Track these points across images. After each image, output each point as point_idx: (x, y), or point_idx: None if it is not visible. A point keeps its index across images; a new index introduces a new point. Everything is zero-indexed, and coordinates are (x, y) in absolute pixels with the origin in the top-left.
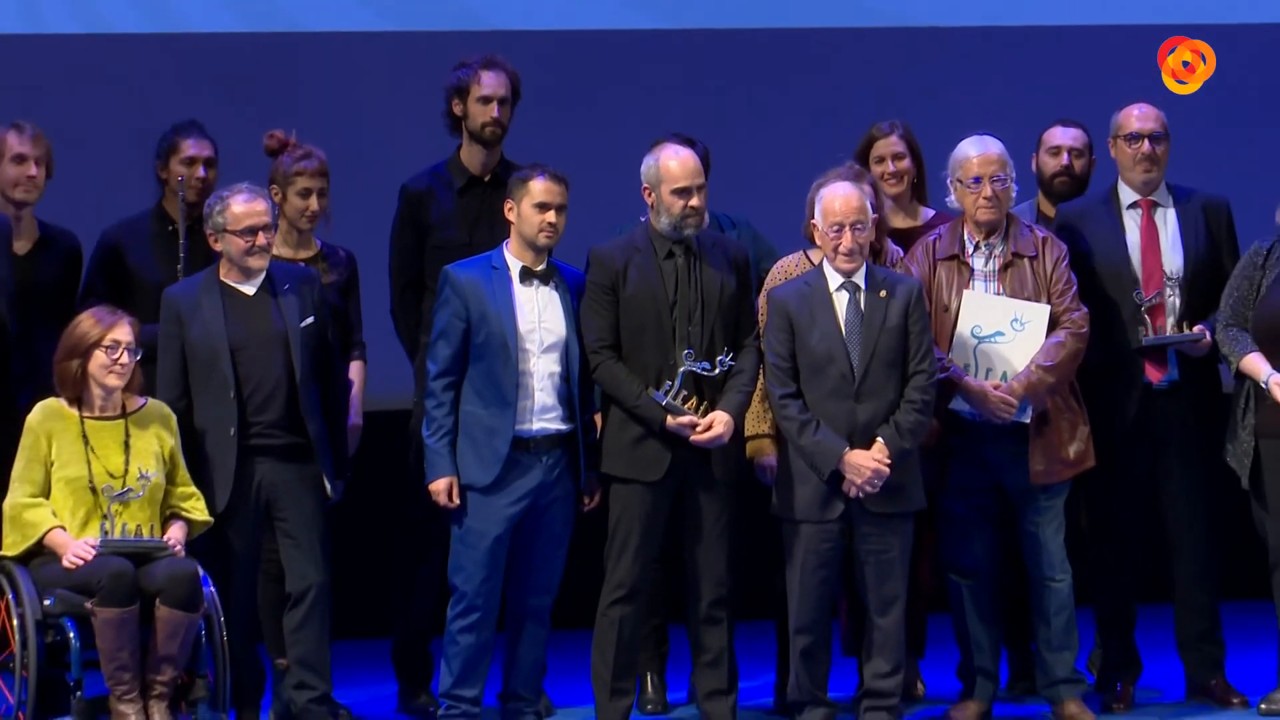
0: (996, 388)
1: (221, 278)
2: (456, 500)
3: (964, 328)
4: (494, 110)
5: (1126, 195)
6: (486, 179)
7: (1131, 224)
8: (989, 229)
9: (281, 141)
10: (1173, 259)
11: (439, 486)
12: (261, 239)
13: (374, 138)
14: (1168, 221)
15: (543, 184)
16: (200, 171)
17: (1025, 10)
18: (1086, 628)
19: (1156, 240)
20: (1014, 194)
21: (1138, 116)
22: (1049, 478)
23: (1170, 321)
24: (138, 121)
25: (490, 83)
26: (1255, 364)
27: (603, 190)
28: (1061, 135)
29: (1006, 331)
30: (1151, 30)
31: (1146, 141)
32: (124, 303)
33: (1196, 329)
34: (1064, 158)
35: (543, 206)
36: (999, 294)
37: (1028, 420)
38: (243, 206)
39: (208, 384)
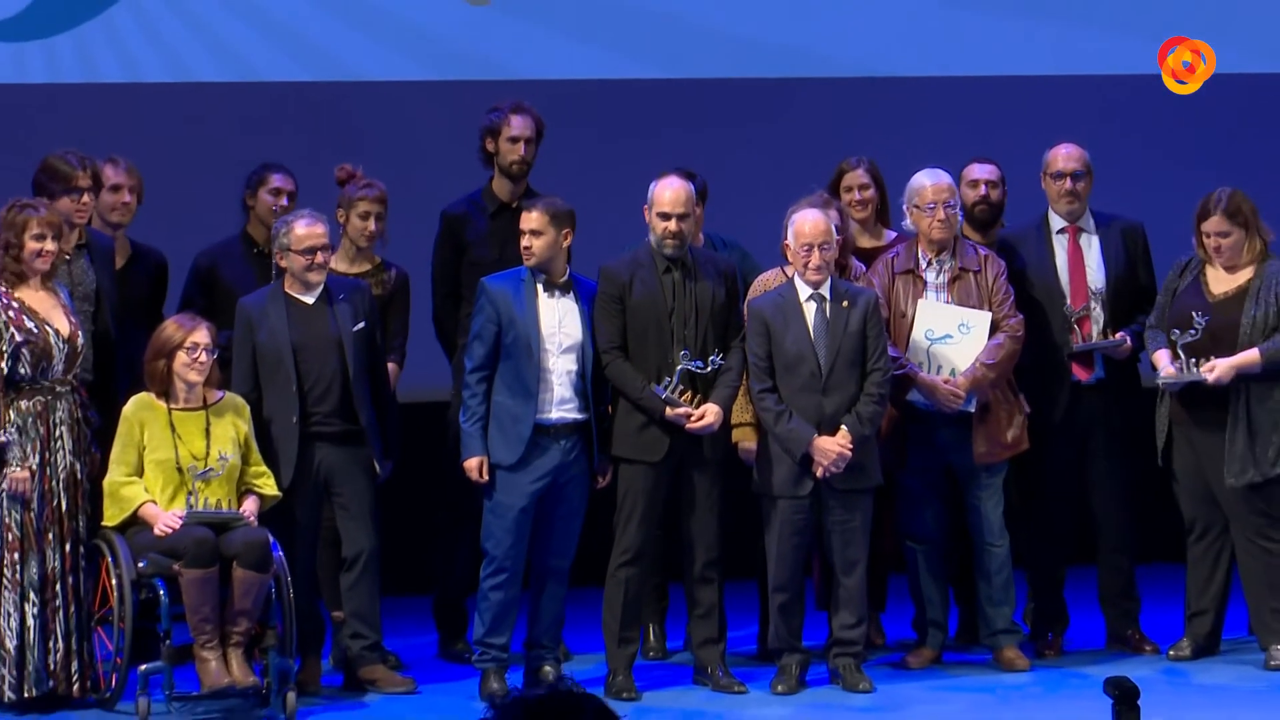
0: (946, 382)
1: (286, 289)
2: (486, 476)
3: (919, 331)
4: (521, 149)
5: (1055, 222)
6: (514, 206)
7: (1060, 247)
8: (940, 247)
9: (349, 173)
10: (1096, 276)
11: (471, 464)
12: (319, 258)
13: (418, 170)
14: (1091, 245)
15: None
16: (284, 201)
17: (957, 63)
18: (1022, 586)
19: (1082, 260)
20: (960, 218)
21: (1063, 157)
22: (990, 458)
23: (1096, 329)
24: (217, 157)
25: (518, 125)
26: (1159, 359)
27: (612, 215)
28: (979, 170)
29: (954, 335)
30: (1058, 80)
31: (1069, 179)
32: (216, 314)
33: (1118, 335)
34: (982, 189)
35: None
36: (948, 303)
37: (972, 410)
38: (304, 229)
39: (274, 380)
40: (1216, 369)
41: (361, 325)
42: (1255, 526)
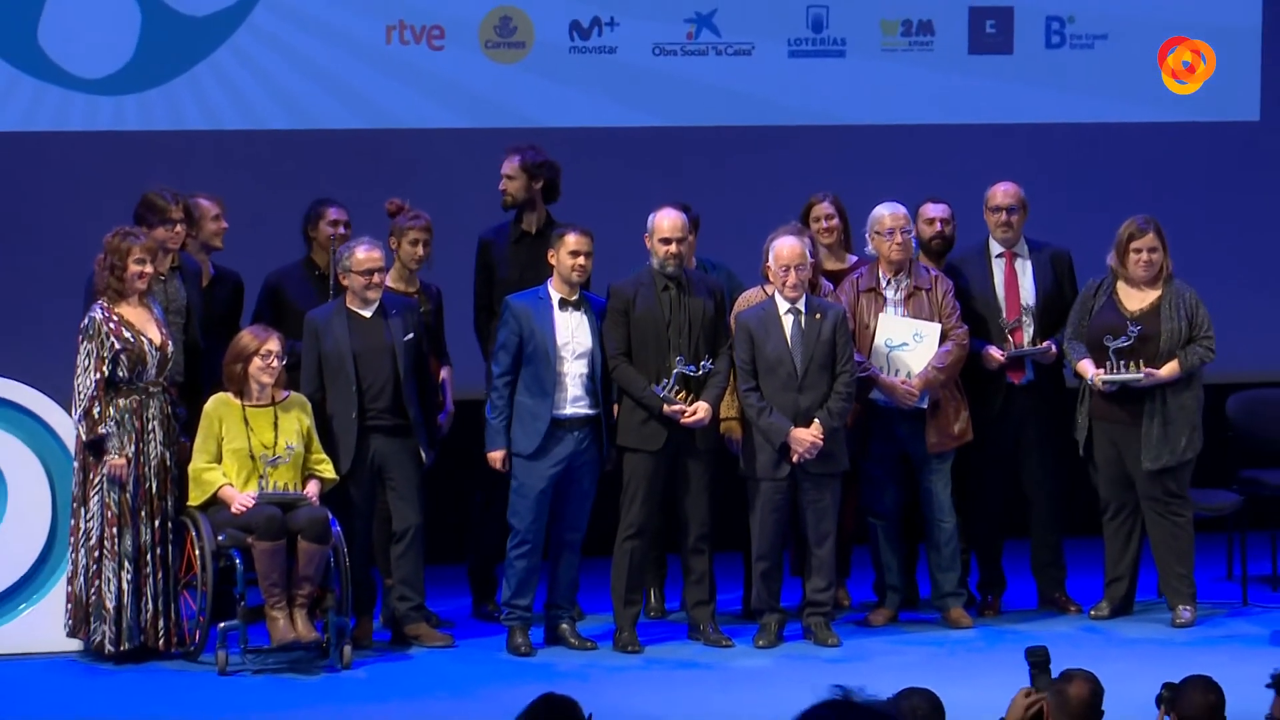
0: (903, 383)
1: (347, 305)
2: (507, 467)
3: (879, 340)
4: (502, 184)
5: (995, 248)
6: (533, 233)
7: (998, 269)
8: (898, 268)
9: (399, 206)
10: (1028, 294)
11: (495, 456)
12: (376, 278)
13: (454, 204)
14: (1025, 268)
15: (575, 238)
16: (340, 230)
17: (910, 113)
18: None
19: (1016, 281)
20: (914, 244)
21: (1001, 193)
22: (940, 448)
23: (1027, 339)
24: (284, 192)
25: (505, 165)
26: (1085, 367)
27: (619, 243)
28: (934, 210)
29: (910, 343)
30: (997, 128)
31: (1005, 213)
32: (282, 326)
33: (1045, 344)
34: (937, 225)
35: (575, 254)
36: (904, 316)
37: (925, 406)
38: (364, 254)
39: (336, 381)
40: (1156, 376)
41: (410, 336)
42: (1165, 503)
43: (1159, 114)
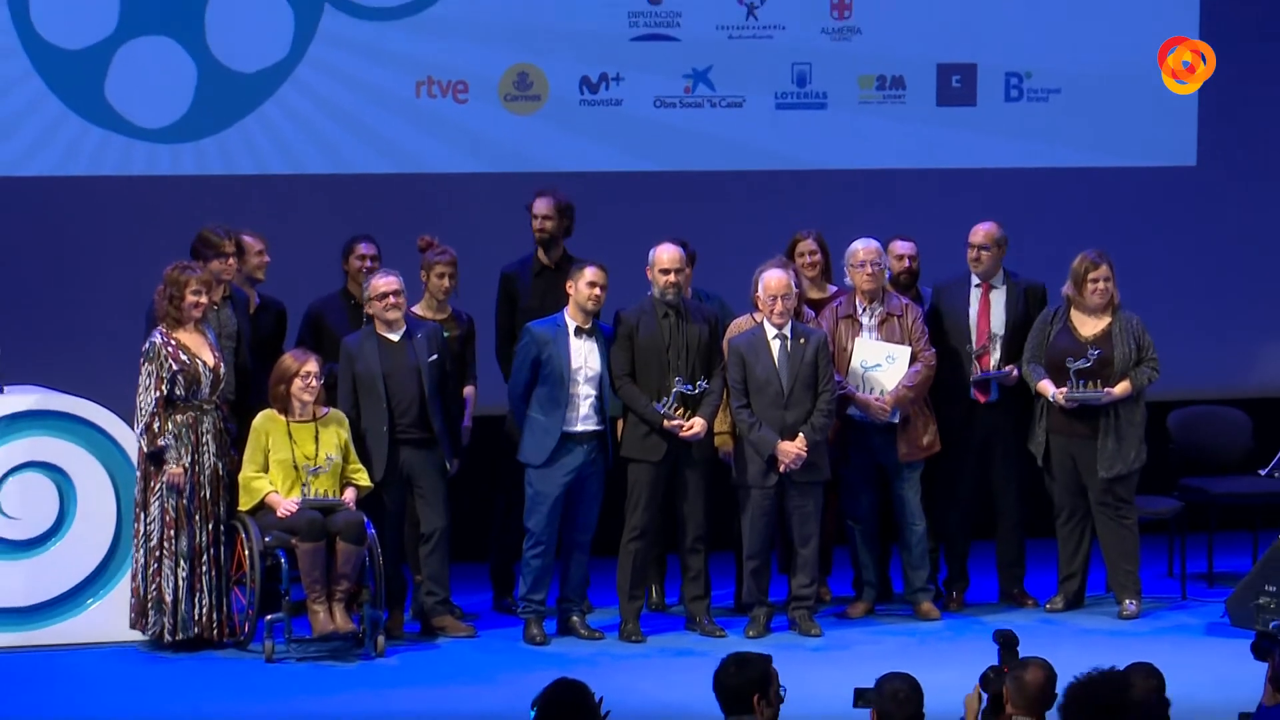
0: (877, 400)
1: (377, 331)
2: None
3: (856, 362)
4: (540, 223)
5: (974, 279)
6: (553, 268)
7: (974, 299)
8: (871, 296)
9: (428, 242)
10: (998, 322)
11: None
12: (391, 300)
13: (477, 240)
14: (999, 298)
15: (592, 271)
16: (369, 264)
17: (884, 159)
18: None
19: (989, 309)
20: (886, 275)
21: (974, 232)
22: (910, 458)
23: (993, 363)
24: (323, 229)
25: (539, 206)
26: (1045, 387)
27: (624, 274)
28: (901, 247)
29: (883, 364)
30: (963, 172)
31: (976, 249)
32: (321, 350)
33: (1008, 368)
34: (905, 261)
35: (591, 285)
36: (878, 340)
37: (897, 420)
38: (377, 282)
39: (369, 399)
40: (1113, 394)
41: (434, 357)
42: (1114, 508)
43: (1107, 160)
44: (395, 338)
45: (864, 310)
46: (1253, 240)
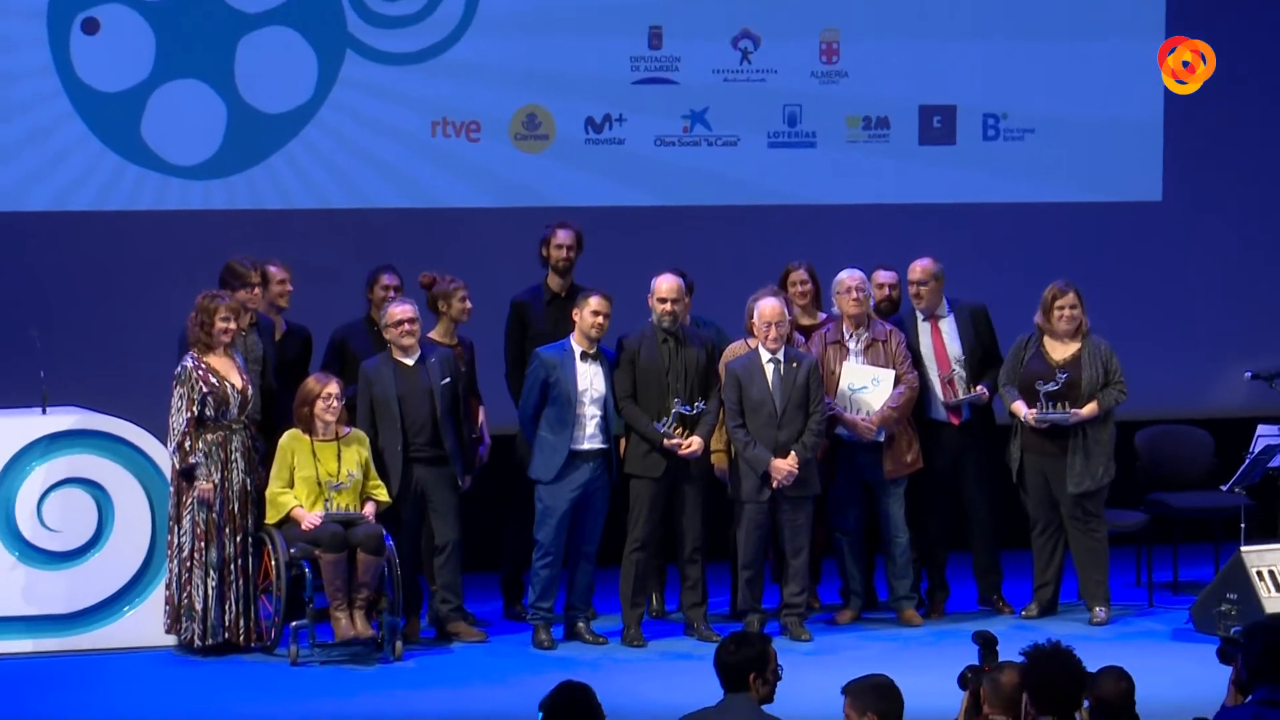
0: (864, 420)
1: (393, 356)
2: None
3: (843, 384)
4: (564, 252)
5: (919, 315)
6: (562, 295)
7: (925, 332)
8: (857, 322)
9: (432, 278)
10: (955, 349)
11: None
12: (405, 327)
13: (487, 271)
14: (949, 327)
15: (597, 300)
16: (391, 294)
17: (868, 194)
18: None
19: (942, 339)
20: (871, 302)
21: (914, 270)
22: (895, 474)
23: (960, 387)
24: (347, 259)
25: (562, 236)
26: (1018, 407)
27: (627, 302)
28: (883, 276)
29: (869, 386)
30: (944, 207)
31: (916, 285)
32: (346, 374)
33: (976, 390)
34: (886, 290)
35: (596, 313)
36: (864, 364)
37: (882, 439)
38: (392, 310)
39: (386, 420)
40: (1080, 415)
41: (447, 380)
42: (1084, 522)
43: (1078, 195)
44: (410, 362)
45: (851, 336)
46: (1214, 270)
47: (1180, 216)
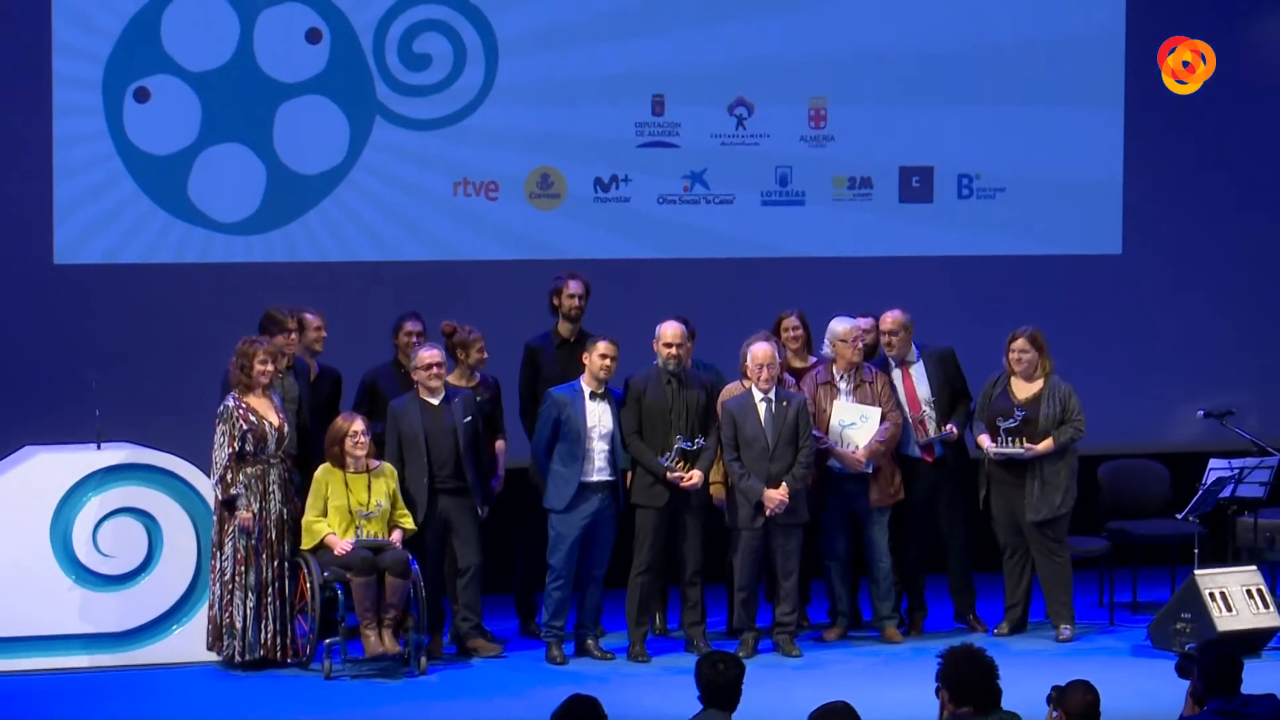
0: (852, 453)
1: (420, 396)
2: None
3: (834, 421)
4: (575, 301)
5: (891, 362)
6: (572, 340)
7: (896, 378)
8: (850, 366)
9: (453, 327)
10: (924, 392)
11: None
12: (433, 371)
13: (502, 317)
14: (918, 372)
15: (605, 345)
16: (414, 339)
17: (852, 248)
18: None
19: (913, 383)
20: (863, 348)
21: (885, 320)
22: (880, 504)
23: (931, 426)
24: (376, 307)
25: (573, 285)
26: (982, 440)
27: (633, 346)
28: (865, 323)
29: (857, 422)
30: (922, 259)
31: (887, 335)
32: (374, 413)
33: (946, 428)
34: (869, 335)
35: (604, 357)
36: (853, 402)
37: (869, 471)
38: (422, 354)
39: (412, 454)
40: (1034, 450)
41: (468, 419)
42: (1048, 546)
43: (1045, 249)
44: (435, 402)
45: (841, 377)
46: (1170, 317)
47: (1138, 268)
